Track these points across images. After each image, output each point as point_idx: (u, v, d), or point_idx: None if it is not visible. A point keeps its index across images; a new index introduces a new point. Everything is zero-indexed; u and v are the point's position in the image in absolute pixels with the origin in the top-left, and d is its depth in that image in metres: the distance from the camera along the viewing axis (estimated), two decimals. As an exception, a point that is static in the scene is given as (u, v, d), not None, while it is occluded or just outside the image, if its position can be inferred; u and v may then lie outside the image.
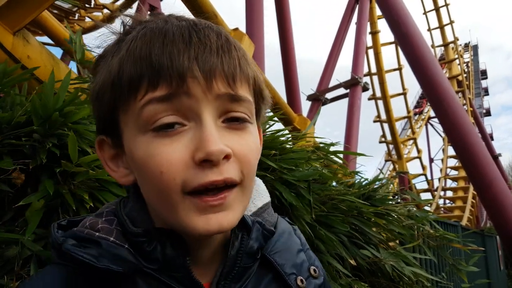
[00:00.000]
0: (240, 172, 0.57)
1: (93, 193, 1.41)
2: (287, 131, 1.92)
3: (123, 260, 0.57)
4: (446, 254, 2.55)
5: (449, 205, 21.82)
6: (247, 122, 0.60)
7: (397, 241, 2.42)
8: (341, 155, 2.24)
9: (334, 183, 2.34)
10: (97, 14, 14.75)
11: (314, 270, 0.73)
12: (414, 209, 2.76)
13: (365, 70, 16.85)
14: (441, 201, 22.59)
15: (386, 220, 2.08)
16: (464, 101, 22.44)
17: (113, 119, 0.60)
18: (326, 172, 1.78)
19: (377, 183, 2.33)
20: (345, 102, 13.91)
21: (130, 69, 0.55)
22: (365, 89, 14.14)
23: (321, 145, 2.08)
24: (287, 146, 1.71)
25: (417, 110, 29.13)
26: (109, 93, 0.58)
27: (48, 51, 3.09)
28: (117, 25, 0.65)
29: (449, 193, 22.44)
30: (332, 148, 2.09)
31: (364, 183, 2.49)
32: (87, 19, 14.79)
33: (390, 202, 2.25)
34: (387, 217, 2.10)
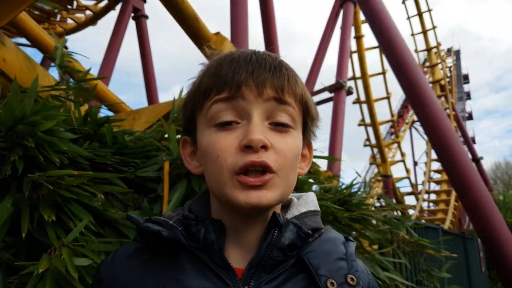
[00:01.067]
0: (276, 162, 0.71)
1: (59, 204, 1.39)
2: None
3: (176, 237, 0.73)
4: (420, 260, 2.56)
5: (432, 208, 22.03)
6: (290, 128, 0.76)
7: (375, 246, 2.43)
8: (322, 161, 2.24)
9: (314, 187, 2.34)
10: (80, 15, 14.57)
11: (352, 279, 0.76)
12: (395, 213, 2.78)
13: (350, 74, 16.98)
14: (425, 204, 22.81)
15: (361, 225, 2.09)
16: (447, 105, 22.72)
17: (193, 120, 0.81)
18: (300, 178, 1.78)
19: (354, 187, 2.34)
20: (331, 105, 13.99)
21: (206, 81, 0.76)
22: (349, 93, 14.24)
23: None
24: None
25: (400, 119, 29.45)
26: (191, 99, 0.81)
27: (25, 54, 3.04)
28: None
29: (433, 196, 22.67)
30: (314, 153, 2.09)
31: (343, 186, 2.49)
32: (69, 21, 14.60)
33: (366, 207, 2.26)
34: (363, 222, 2.11)
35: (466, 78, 39.14)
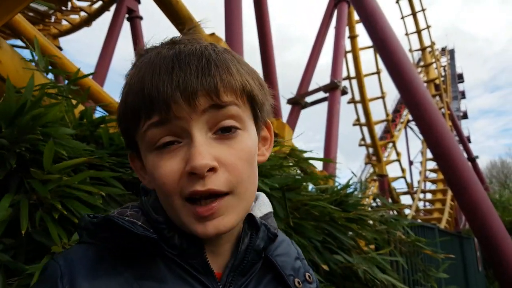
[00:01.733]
0: (229, 181, 0.65)
1: (61, 201, 1.38)
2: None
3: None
4: (417, 260, 2.57)
5: (428, 207, 22.10)
6: (238, 129, 0.68)
7: (373, 246, 2.44)
8: (318, 162, 2.25)
9: (310, 187, 2.35)
10: (74, 17, 14.52)
11: (309, 276, 0.82)
12: (391, 213, 2.78)
13: (345, 74, 17.02)
14: (420, 204, 22.87)
15: (359, 225, 2.10)
16: (442, 104, 22.82)
17: (131, 137, 0.73)
18: (299, 177, 1.78)
19: (350, 188, 2.34)
20: (326, 105, 14.01)
21: (131, 103, 0.68)
22: (344, 93, 14.26)
23: (296, 151, 2.08)
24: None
25: (397, 114, 29.53)
26: (123, 121, 0.72)
27: (20, 55, 3.02)
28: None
29: (429, 196, 22.74)
30: (308, 155, 2.10)
31: (339, 187, 2.50)
32: (64, 22, 14.55)
33: (363, 208, 2.26)
34: (359, 222, 2.11)
35: (460, 77, 39.34)
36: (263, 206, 0.82)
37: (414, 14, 23.25)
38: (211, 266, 0.70)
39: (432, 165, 23.44)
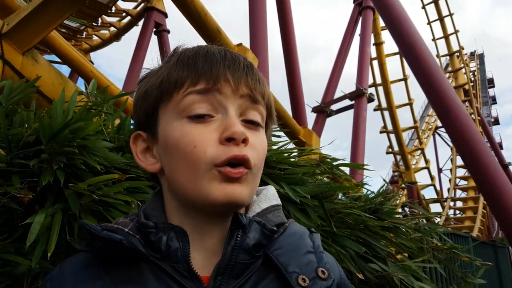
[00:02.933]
0: (254, 158, 0.70)
1: (100, 212, 1.41)
2: (292, 145, 1.92)
3: (134, 246, 0.68)
4: (454, 267, 2.51)
5: (459, 215, 21.56)
6: (259, 126, 0.75)
7: (406, 255, 2.39)
8: (347, 169, 2.24)
9: (340, 196, 2.33)
10: (104, 32, 14.96)
11: (323, 272, 0.72)
12: (424, 221, 2.74)
13: (370, 81, 16.87)
14: (451, 212, 22.33)
15: (393, 233, 2.07)
16: (472, 110, 22.32)
17: (153, 113, 0.75)
18: (333, 185, 1.77)
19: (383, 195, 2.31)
20: (352, 113, 13.90)
21: (178, 72, 0.73)
22: (370, 100, 14.12)
23: (327, 159, 2.08)
24: (291, 160, 1.72)
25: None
26: (156, 90, 0.75)
27: (57, 70, 3.13)
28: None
29: (459, 204, 22.18)
30: (336, 162, 2.09)
31: (370, 195, 2.47)
32: (95, 37, 15.00)
33: (398, 216, 2.23)
34: (394, 230, 2.08)
35: (491, 82, 38.39)
36: (264, 201, 0.80)
37: (441, 19, 22.90)
38: (195, 270, 0.67)
39: (462, 172, 22.89)
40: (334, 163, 2.08)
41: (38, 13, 2.79)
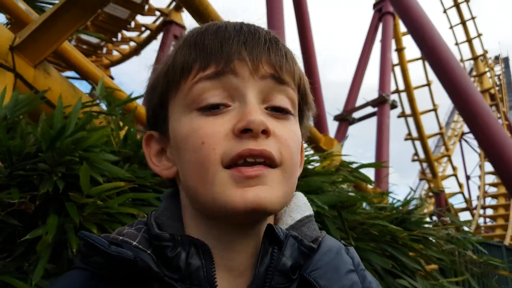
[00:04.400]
0: (279, 152, 0.56)
1: (102, 225, 1.35)
2: (311, 151, 1.80)
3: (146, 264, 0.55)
4: (492, 282, 2.30)
5: (490, 224, 20.97)
6: (289, 114, 0.60)
7: (436, 267, 2.22)
8: (369, 176, 2.10)
9: (364, 205, 2.19)
10: (124, 47, 15.22)
11: None
12: (454, 231, 2.56)
13: (393, 87, 16.66)
14: (481, 220, 21.73)
15: (423, 244, 1.90)
16: (499, 115, 21.81)
17: (163, 108, 0.63)
18: (354, 194, 1.64)
19: (411, 204, 2.16)
20: (375, 120, 13.76)
21: (185, 55, 0.60)
22: (393, 106, 13.96)
23: (349, 163, 1.95)
24: (309, 167, 1.59)
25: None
26: (162, 80, 0.63)
27: (69, 82, 3.12)
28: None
29: (489, 211, 21.59)
30: (356, 165, 1.96)
31: (396, 204, 2.32)
32: (115, 52, 15.28)
33: (427, 226, 2.07)
34: (424, 241, 1.92)
35: (517, 86, 37.47)
36: (295, 211, 0.66)
37: (463, 23, 22.51)
38: None
39: (491, 179, 22.27)
40: (354, 166, 1.93)
41: (49, 25, 2.78)
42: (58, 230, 1.33)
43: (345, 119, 14.67)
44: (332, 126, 14.69)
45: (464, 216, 21.82)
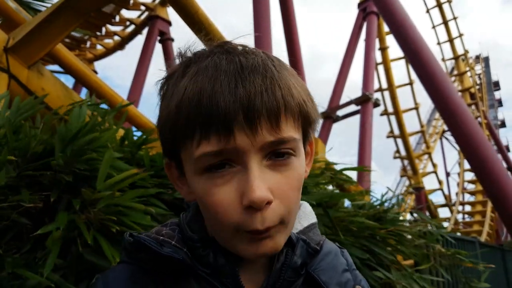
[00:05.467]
0: (281, 214, 0.64)
1: (115, 220, 1.40)
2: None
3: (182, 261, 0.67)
4: (458, 272, 2.51)
5: (468, 220, 21.41)
6: (292, 156, 0.65)
7: (412, 261, 2.40)
8: (352, 176, 2.25)
9: (347, 202, 2.34)
10: (108, 41, 15.08)
11: None
12: (430, 227, 2.73)
13: (376, 85, 16.87)
14: (459, 216, 22.17)
15: (397, 240, 2.07)
16: (478, 113, 22.23)
17: (175, 152, 0.69)
18: (337, 193, 1.79)
19: (387, 203, 2.33)
20: (358, 118, 13.91)
21: (185, 116, 0.62)
22: (376, 105, 14.13)
23: (331, 165, 2.09)
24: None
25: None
26: (169, 132, 0.67)
27: (62, 82, 3.17)
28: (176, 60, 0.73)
29: (468, 208, 22.03)
30: (341, 167, 2.10)
31: (376, 203, 2.48)
32: (99, 47, 15.13)
33: (402, 223, 2.24)
34: (398, 237, 2.09)
35: (496, 85, 38.21)
36: (304, 218, 0.79)
37: (445, 23, 22.89)
38: (243, 285, 0.68)
39: (470, 176, 22.75)
40: (338, 168, 2.09)
41: (43, 27, 2.83)
42: (67, 226, 1.43)
43: (330, 117, 14.84)
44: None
45: (444, 212, 22.27)
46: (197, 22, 3.50)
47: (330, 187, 2.07)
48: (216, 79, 0.62)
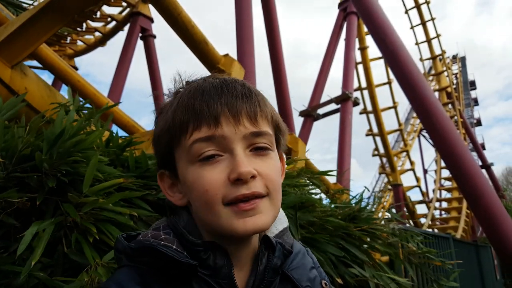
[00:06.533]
0: (265, 186, 0.75)
1: (97, 226, 1.45)
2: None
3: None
4: (428, 270, 2.63)
5: (444, 216, 21.82)
6: (269, 150, 0.79)
7: (386, 258, 2.51)
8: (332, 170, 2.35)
9: (325, 201, 2.44)
10: (89, 37, 14.87)
11: (325, 284, 0.89)
12: (407, 225, 2.85)
13: (356, 85, 17.07)
14: (436, 212, 22.59)
15: (370, 238, 2.18)
16: (454, 112, 22.66)
17: (170, 155, 0.81)
18: (311, 197, 1.88)
19: (363, 202, 2.43)
20: (338, 117, 14.06)
21: (180, 116, 0.76)
22: (355, 104, 14.31)
23: (310, 166, 2.19)
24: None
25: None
26: (166, 135, 0.80)
27: (45, 82, 3.17)
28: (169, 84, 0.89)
29: (444, 204, 22.44)
30: (321, 167, 2.19)
31: (353, 202, 2.59)
32: (79, 42, 14.90)
33: (376, 222, 2.35)
34: (372, 235, 2.20)
35: (473, 85, 39.02)
36: (278, 223, 0.88)
37: (423, 23, 23.26)
38: (237, 285, 0.76)
39: (447, 173, 23.18)
40: (318, 170, 2.19)
41: (27, 27, 2.84)
42: (54, 227, 1.47)
43: (310, 115, 14.96)
44: (298, 122, 14.96)
45: (421, 208, 22.63)
46: (180, 24, 3.55)
47: (308, 188, 2.16)
48: (205, 88, 0.78)
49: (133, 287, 0.73)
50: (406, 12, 23.28)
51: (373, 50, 20.05)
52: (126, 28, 13.88)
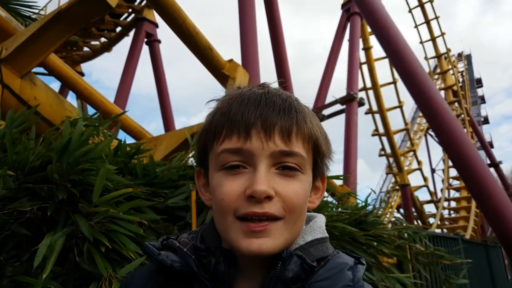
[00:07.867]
0: (282, 209, 0.72)
1: (108, 235, 1.47)
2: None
3: (189, 267, 0.77)
4: (437, 269, 2.63)
5: (453, 215, 21.68)
6: (298, 171, 0.75)
7: (394, 260, 2.52)
8: (339, 171, 2.36)
9: (331, 205, 2.45)
10: (95, 43, 14.99)
11: None
12: (416, 226, 2.85)
13: (361, 85, 17.04)
14: (445, 212, 22.45)
15: (377, 242, 2.19)
16: (461, 111, 22.55)
17: (205, 156, 0.82)
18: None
19: (369, 206, 2.44)
20: (343, 117, 14.05)
21: (217, 120, 0.78)
22: (361, 104, 14.31)
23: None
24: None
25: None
26: (204, 135, 0.82)
27: (54, 91, 3.22)
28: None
29: (453, 204, 22.30)
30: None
31: (360, 205, 2.60)
32: (85, 48, 15.04)
33: (382, 226, 2.36)
34: (378, 239, 2.21)
35: (479, 82, 38.76)
36: (308, 234, 0.81)
37: (427, 22, 23.19)
38: None
39: (455, 172, 23.03)
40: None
41: (36, 38, 2.87)
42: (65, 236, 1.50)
43: (316, 116, 14.94)
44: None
45: (429, 208, 22.52)
46: (185, 31, 3.59)
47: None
48: (245, 97, 0.78)
49: (140, 280, 0.82)
50: (410, 11, 23.23)
51: (377, 50, 20.00)
52: (132, 33, 13.99)
